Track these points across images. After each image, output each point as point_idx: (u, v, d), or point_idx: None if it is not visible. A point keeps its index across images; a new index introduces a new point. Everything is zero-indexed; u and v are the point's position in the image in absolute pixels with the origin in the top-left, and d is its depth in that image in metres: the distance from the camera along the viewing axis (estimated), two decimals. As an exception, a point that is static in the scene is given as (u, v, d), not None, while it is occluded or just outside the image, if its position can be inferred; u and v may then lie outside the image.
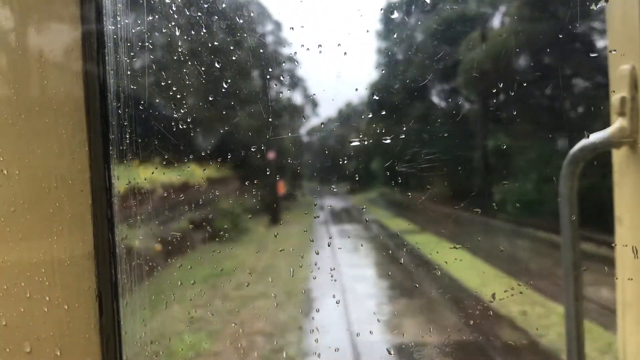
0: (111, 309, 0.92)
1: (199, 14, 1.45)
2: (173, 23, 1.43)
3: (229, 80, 1.63)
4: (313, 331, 5.60)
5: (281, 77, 1.83)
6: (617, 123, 1.17)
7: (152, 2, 1.30)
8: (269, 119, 1.52)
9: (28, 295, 0.87)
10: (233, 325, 5.67)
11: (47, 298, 0.88)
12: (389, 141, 1.70)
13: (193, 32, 1.47)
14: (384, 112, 2.32)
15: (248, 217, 8.16)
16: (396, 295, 6.61)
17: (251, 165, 2.15)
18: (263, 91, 1.64)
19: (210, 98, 1.70)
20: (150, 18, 1.21)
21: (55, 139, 0.87)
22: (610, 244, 1.29)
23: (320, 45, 1.56)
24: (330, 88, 1.99)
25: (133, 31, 1.09)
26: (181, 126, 1.47)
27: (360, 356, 4.83)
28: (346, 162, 2.02)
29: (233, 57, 1.60)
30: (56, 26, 0.87)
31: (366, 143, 1.80)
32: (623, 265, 1.25)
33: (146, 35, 1.18)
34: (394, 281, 7.11)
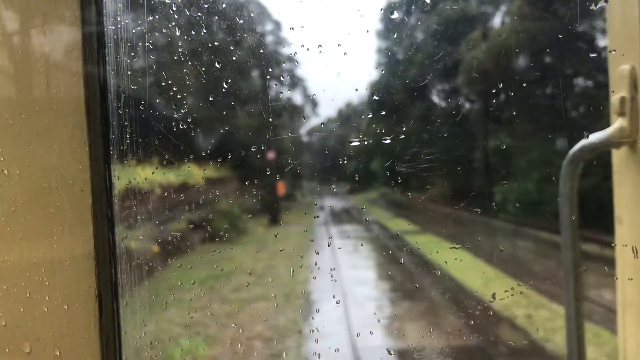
0: (111, 309, 0.92)
1: (199, 14, 1.45)
2: (173, 23, 1.43)
3: (229, 80, 1.63)
4: (313, 331, 5.60)
5: (281, 77, 1.83)
6: (617, 123, 1.17)
7: (152, 2, 1.30)
8: (269, 119, 1.52)
9: (28, 295, 0.87)
10: (233, 325, 5.68)
11: (47, 298, 0.88)
12: (389, 141, 1.70)
13: (193, 32, 1.47)
14: (384, 112, 2.32)
15: (248, 217, 8.17)
16: (396, 295, 6.62)
17: (251, 165, 2.15)
18: (263, 91, 1.64)
19: (210, 98, 1.70)
20: (150, 18, 1.21)
21: (55, 139, 0.87)
22: (610, 244, 1.29)
23: (320, 45, 1.56)
24: (330, 88, 1.99)
25: (133, 31, 1.09)
26: (181, 126, 1.47)
27: (360, 356, 4.83)
28: (346, 162, 2.02)
29: (233, 57, 1.60)
30: (56, 26, 0.87)
31: (366, 143, 1.80)
32: (623, 265, 1.25)
33: (146, 35, 1.18)
34: (394, 281, 7.11)
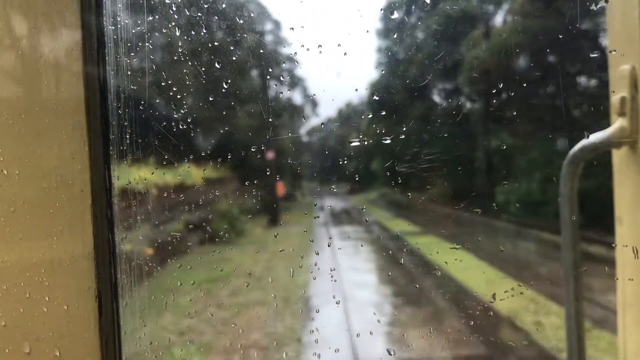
0: (111, 309, 0.92)
1: (199, 14, 1.45)
2: (173, 23, 1.43)
3: (229, 80, 1.63)
4: (313, 332, 5.61)
5: (281, 77, 1.83)
6: (617, 123, 1.17)
7: (152, 2, 1.30)
8: (269, 119, 1.52)
9: (28, 295, 0.87)
10: (233, 325, 5.68)
11: (47, 298, 0.87)
12: (389, 141, 1.70)
13: (193, 32, 1.47)
14: (384, 112, 2.32)
15: (248, 218, 8.17)
16: (396, 295, 6.62)
17: (251, 165, 2.15)
18: (263, 91, 1.64)
19: (210, 98, 1.70)
20: (150, 18, 1.21)
21: (55, 139, 0.87)
22: (610, 244, 1.28)
23: (320, 45, 1.56)
24: (330, 88, 1.99)
25: (133, 31, 1.09)
26: (181, 126, 1.47)
27: (360, 356, 4.83)
28: (346, 163, 2.02)
29: (233, 57, 1.59)
30: (56, 26, 0.87)
31: (366, 143, 1.80)
32: (623, 265, 1.25)
33: (146, 35, 1.18)
34: (394, 281, 7.11)
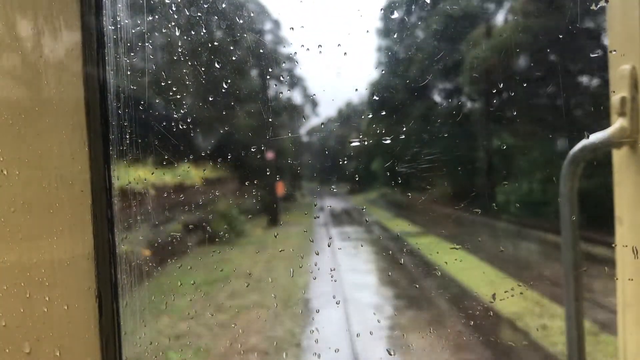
0: (111, 310, 0.92)
1: (199, 14, 1.45)
2: (173, 23, 1.43)
3: (229, 80, 1.63)
4: (313, 332, 5.60)
5: (281, 77, 1.83)
6: (618, 123, 1.17)
7: (152, 2, 1.30)
8: (269, 119, 1.52)
9: (28, 295, 0.87)
10: (233, 326, 5.68)
11: (47, 298, 0.87)
12: (389, 141, 1.70)
13: (193, 32, 1.47)
14: (384, 112, 2.32)
15: (247, 218, 8.17)
16: (396, 295, 6.62)
17: (251, 165, 2.15)
18: (263, 91, 1.64)
19: (210, 98, 1.70)
20: (150, 18, 1.21)
21: (55, 139, 0.87)
22: (610, 244, 1.28)
23: (320, 45, 1.56)
24: (330, 88, 1.99)
25: (133, 31, 1.09)
26: (181, 126, 1.47)
27: (359, 356, 4.83)
28: (346, 163, 2.02)
29: (233, 57, 1.60)
30: (56, 26, 0.87)
31: (366, 143, 1.80)
32: (623, 265, 1.25)
33: (146, 35, 1.18)
34: (394, 281, 7.11)
